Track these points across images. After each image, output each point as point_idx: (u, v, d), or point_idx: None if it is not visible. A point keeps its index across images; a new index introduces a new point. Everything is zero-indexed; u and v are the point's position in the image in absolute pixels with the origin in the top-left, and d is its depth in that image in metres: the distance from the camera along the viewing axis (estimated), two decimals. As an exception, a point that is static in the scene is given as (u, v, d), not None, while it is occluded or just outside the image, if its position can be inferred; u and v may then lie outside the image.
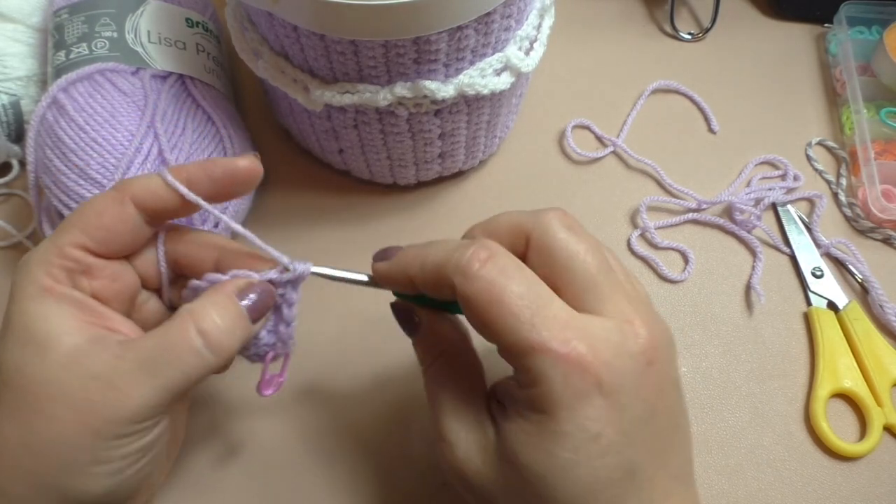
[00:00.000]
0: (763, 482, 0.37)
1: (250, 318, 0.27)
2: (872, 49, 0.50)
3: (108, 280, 0.28)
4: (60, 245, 0.26)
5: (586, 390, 0.23)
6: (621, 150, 0.48)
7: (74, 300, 0.26)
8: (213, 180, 0.27)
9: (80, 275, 0.27)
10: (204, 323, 0.26)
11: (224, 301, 0.27)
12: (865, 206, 0.45)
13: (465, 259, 0.24)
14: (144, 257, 0.29)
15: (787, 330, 0.42)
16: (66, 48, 0.39)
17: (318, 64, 0.35)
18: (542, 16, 0.39)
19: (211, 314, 0.26)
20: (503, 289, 0.24)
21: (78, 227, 0.27)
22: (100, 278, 0.27)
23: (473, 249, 0.24)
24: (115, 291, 0.28)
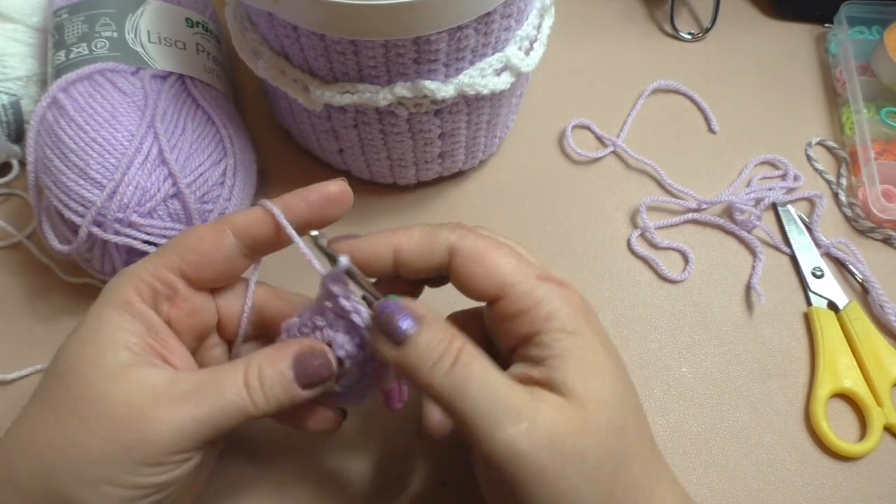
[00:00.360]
0: (763, 482, 0.37)
1: (297, 381, 0.27)
2: (873, 49, 0.50)
3: (186, 313, 0.28)
4: (157, 265, 0.27)
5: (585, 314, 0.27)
6: (621, 150, 0.48)
7: (148, 321, 0.27)
8: (309, 204, 0.28)
9: (165, 299, 0.28)
10: (251, 370, 0.26)
11: (277, 358, 0.27)
12: (865, 206, 0.45)
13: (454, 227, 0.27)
14: (230, 300, 0.30)
15: (788, 330, 0.42)
16: (66, 48, 0.39)
17: (318, 64, 0.35)
18: (542, 16, 0.39)
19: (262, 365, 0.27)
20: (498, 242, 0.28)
21: (177, 250, 0.27)
22: (180, 308, 0.28)
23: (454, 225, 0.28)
24: (189, 326, 0.28)
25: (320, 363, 0.27)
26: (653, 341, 0.41)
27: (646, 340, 0.41)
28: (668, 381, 0.40)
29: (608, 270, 0.44)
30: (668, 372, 0.40)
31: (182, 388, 0.26)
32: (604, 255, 0.44)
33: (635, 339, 0.41)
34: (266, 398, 0.26)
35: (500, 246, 0.27)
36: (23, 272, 0.42)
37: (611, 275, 0.43)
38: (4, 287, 0.42)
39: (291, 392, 0.27)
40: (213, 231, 0.28)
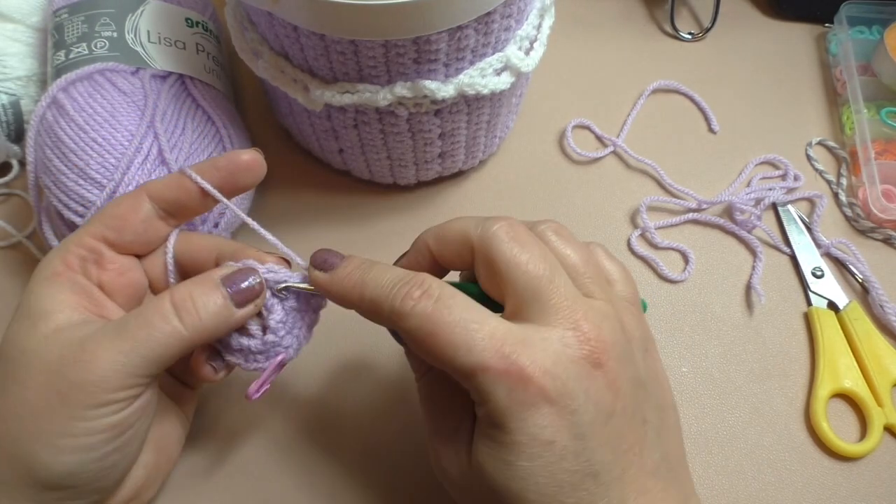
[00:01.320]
0: (763, 482, 0.37)
1: (233, 301, 0.28)
2: (873, 49, 0.50)
3: (115, 273, 0.29)
4: (81, 234, 0.29)
5: (532, 401, 0.23)
6: (621, 150, 0.48)
7: (78, 285, 0.28)
8: (218, 169, 0.30)
9: (92, 264, 0.29)
10: (177, 295, 0.27)
11: (204, 280, 0.28)
12: (866, 206, 0.45)
13: (399, 301, 0.25)
14: (154, 260, 0.31)
15: (788, 330, 0.42)
16: (65, 48, 0.39)
17: (318, 64, 0.35)
18: (542, 16, 0.39)
19: (187, 288, 0.27)
20: (437, 321, 0.24)
21: (97, 218, 0.29)
22: (108, 269, 0.29)
23: (407, 290, 0.25)
24: (120, 285, 0.29)
25: (251, 279, 0.28)
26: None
27: (646, 340, 0.41)
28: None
29: (608, 270, 0.43)
30: (668, 372, 0.40)
31: (108, 329, 0.26)
32: (604, 255, 0.44)
33: (635, 339, 0.41)
34: (200, 318, 0.27)
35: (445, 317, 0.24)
36: (23, 272, 0.42)
37: (611, 275, 0.43)
38: (4, 287, 0.42)
39: (228, 311, 0.28)
40: (129, 196, 0.29)
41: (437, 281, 0.26)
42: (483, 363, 0.24)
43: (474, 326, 0.24)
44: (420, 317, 0.25)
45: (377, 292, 0.26)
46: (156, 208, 0.30)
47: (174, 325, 0.26)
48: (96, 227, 0.29)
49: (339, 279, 0.28)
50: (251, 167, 0.30)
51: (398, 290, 0.25)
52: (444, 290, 0.25)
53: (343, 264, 0.28)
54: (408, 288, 0.25)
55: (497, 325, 0.24)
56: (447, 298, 0.25)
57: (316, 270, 0.28)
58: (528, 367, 0.24)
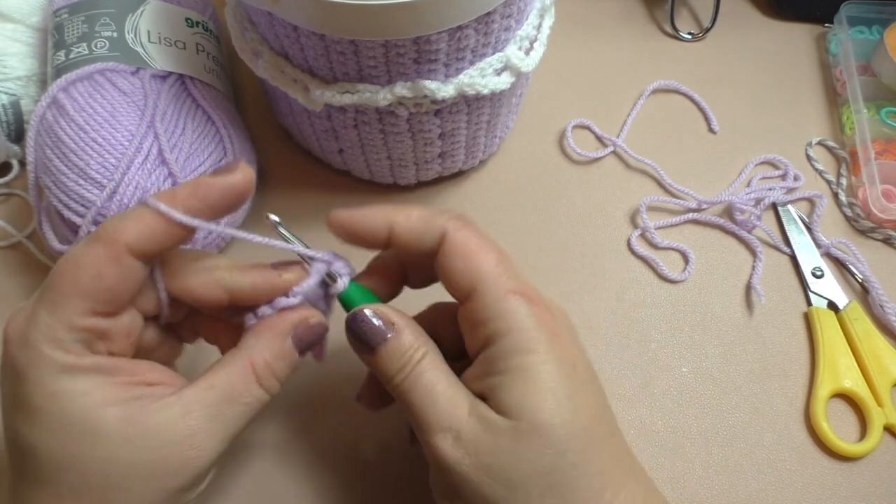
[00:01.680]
0: (763, 482, 0.37)
1: (300, 352, 0.28)
2: (873, 49, 0.50)
3: (122, 336, 0.26)
4: (68, 319, 0.24)
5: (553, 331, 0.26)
6: (621, 150, 0.48)
7: (100, 369, 0.25)
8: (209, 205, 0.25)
9: (97, 341, 0.25)
10: (259, 368, 0.27)
11: (276, 343, 0.27)
12: (866, 206, 0.45)
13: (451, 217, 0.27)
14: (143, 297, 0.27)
15: (788, 330, 0.42)
16: (65, 48, 0.39)
17: (318, 64, 0.35)
18: (542, 16, 0.39)
19: (263, 356, 0.27)
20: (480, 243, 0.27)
21: (79, 294, 0.24)
22: (115, 339, 0.26)
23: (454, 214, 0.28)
24: (130, 343, 0.27)
25: (314, 330, 0.28)
26: (653, 341, 0.41)
27: (646, 340, 0.41)
28: (668, 381, 0.40)
29: (608, 270, 0.44)
30: (668, 372, 0.40)
31: (203, 417, 0.25)
32: (604, 255, 0.44)
33: (635, 339, 0.41)
34: (279, 381, 0.27)
35: (489, 249, 0.27)
36: (23, 272, 0.42)
37: (611, 275, 0.43)
38: (4, 287, 0.42)
39: (295, 365, 0.28)
40: (110, 261, 0.24)
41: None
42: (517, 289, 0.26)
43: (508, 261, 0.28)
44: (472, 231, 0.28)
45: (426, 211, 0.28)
46: (141, 263, 0.25)
47: (262, 398, 0.27)
48: (80, 305, 0.24)
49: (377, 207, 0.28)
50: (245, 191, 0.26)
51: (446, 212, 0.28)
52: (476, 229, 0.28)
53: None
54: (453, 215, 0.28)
55: None
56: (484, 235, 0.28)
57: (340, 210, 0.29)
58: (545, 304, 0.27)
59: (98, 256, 0.24)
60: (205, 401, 0.26)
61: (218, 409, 0.26)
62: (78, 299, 0.24)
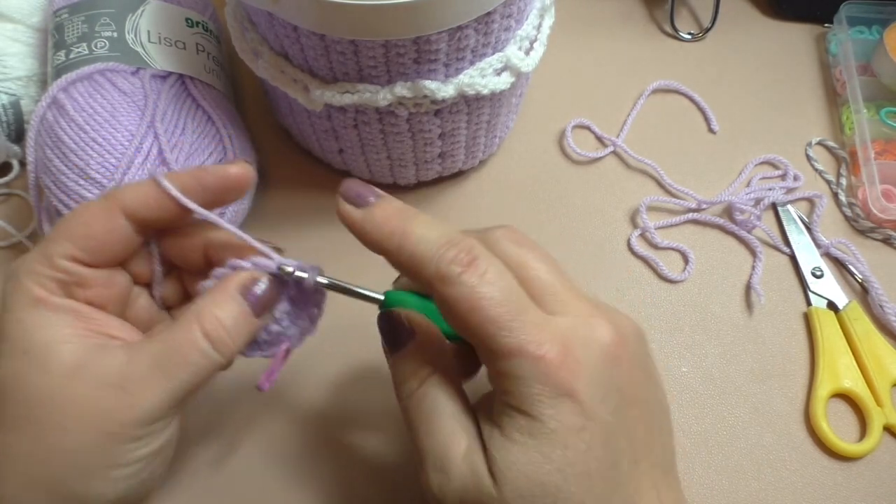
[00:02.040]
0: (763, 482, 0.37)
1: (254, 313, 0.27)
2: (873, 49, 0.50)
3: (101, 288, 0.27)
4: (50, 256, 0.26)
5: (563, 388, 0.24)
6: (621, 150, 0.48)
7: (70, 309, 0.26)
8: (205, 188, 0.27)
9: (74, 286, 0.27)
10: (208, 324, 0.26)
11: (227, 300, 0.27)
12: (865, 206, 0.45)
13: (447, 264, 0.24)
14: (135, 257, 0.29)
15: (787, 330, 0.42)
16: (66, 48, 0.39)
17: (318, 64, 0.35)
18: (542, 16, 0.39)
19: (215, 314, 0.26)
20: (482, 295, 0.24)
21: (67, 237, 0.26)
22: (94, 287, 0.27)
23: (455, 254, 0.24)
24: (109, 297, 0.28)
25: (265, 286, 0.27)
26: (653, 341, 0.41)
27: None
28: (668, 381, 0.40)
29: (608, 270, 0.44)
30: (668, 372, 0.40)
31: (143, 365, 0.25)
32: (604, 255, 0.44)
33: (635, 339, 0.41)
34: (235, 343, 0.26)
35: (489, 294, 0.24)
36: (23, 272, 0.42)
37: (611, 275, 0.43)
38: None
39: (252, 325, 0.27)
40: (102, 215, 0.26)
41: (483, 250, 0.25)
42: (521, 347, 0.23)
43: (517, 309, 0.24)
44: (466, 287, 0.24)
45: (421, 248, 0.24)
46: (132, 224, 0.27)
47: (213, 358, 0.26)
48: (65, 246, 0.26)
49: (376, 221, 0.25)
50: (239, 184, 0.28)
51: (445, 252, 0.24)
52: (491, 264, 0.24)
53: (380, 204, 0.26)
54: (455, 251, 0.24)
55: (536, 313, 0.25)
56: (493, 275, 0.24)
57: (347, 204, 0.26)
58: (561, 354, 0.24)
59: (94, 209, 0.27)
60: (147, 350, 0.26)
61: (158, 359, 0.25)
62: (64, 241, 0.26)
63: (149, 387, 0.25)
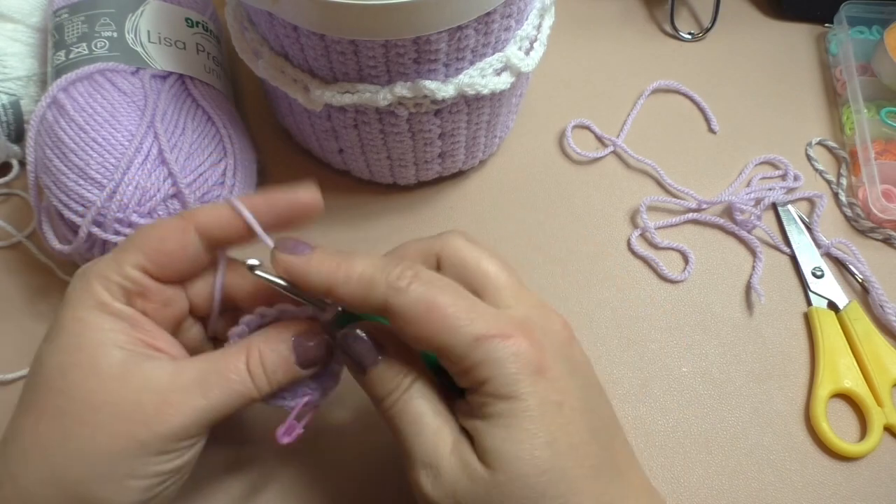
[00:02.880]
0: (763, 482, 0.37)
1: (298, 363, 0.28)
2: (873, 49, 0.50)
3: (160, 304, 0.28)
4: (121, 264, 0.27)
5: (535, 366, 0.25)
6: (621, 150, 0.48)
7: (128, 317, 0.27)
8: (276, 215, 0.29)
9: (137, 296, 0.28)
10: (252, 361, 0.27)
11: (278, 341, 0.28)
12: (866, 206, 0.45)
13: (395, 276, 0.25)
14: (197, 285, 0.30)
15: (788, 330, 0.42)
16: (65, 48, 0.39)
17: (318, 64, 0.35)
18: (542, 16, 0.39)
19: (260, 352, 0.28)
20: (435, 297, 0.25)
21: (141, 249, 0.27)
22: (154, 302, 0.28)
23: (399, 271, 0.26)
24: (165, 316, 0.29)
25: (317, 343, 0.28)
26: (653, 341, 0.41)
27: (646, 340, 0.41)
28: (668, 381, 0.40)
29: (608, 270, 0.44)
30: (668, 372, 0.40)
31: (186, 379, 0.26)
32: (604, 255, 0.44)
33: (635, 339, 0.41)
34: (269, 383, 0.28)
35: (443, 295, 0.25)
36: (23, 272, 0.42)
37: (611, 275, 0.43)
38: (4, 287, 0.42)
39: (292, 374, 0.28)
40: (176, 231, 0.28)
41: (423, 267, 0.26)
42: (486, 332, 0.25)
43: (469, 304, 0.26)
44: (417, 293, 0.25)
45: (369, 272, 0.26)
46: (203, 243, 0.28)
47: (249, 389, 0.27)
48: (137, 257, 0.27)
49: (319, 261, 0.27)
50: (309, 212, 0.29)
51: (391, 271, 0.26)
52: (432, 274, 0.26)
53: (317, 250, 0.27)
54: (399, 269, 0.26)
55: (488, 306, 0.26)
56: (438, 281, 0.26)
57: (287, 255, 0.27)
58: (526, 337, 0.25)
59: (170, 224, 0.28)
60: (193, 366, 0.27)
61: (203, 376, 0.26)
62: (137, 252, 0.27)
63: (187, 399, 0.26)
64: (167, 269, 0.28)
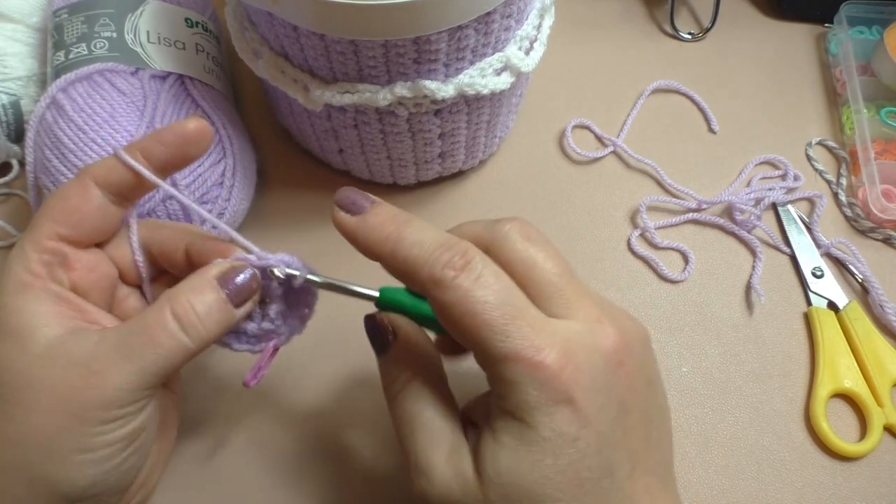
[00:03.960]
0: (763, 482, 0.37)
1: (232, 302, 0.27)
2: (873, 49, 0.50)
3: (85, 270, 0.28)
4: (36, 239, 0.27)
5: (561, 395, 0.23)
6: (621, 150, 0.48)
7: (53, 293, 0.27)
8: (165, 145, 0.28)
9: (58, 267, 0.27)
10: (179, 307, 0.26)
11: (202, 285, 0.27)
12: (866, 206, 0.45)
13: (440, 268, 0.24)
14: (119, 248, 0.30)
15: (788, 330, 0.42)
16: (65, 48, 0.39)
17: (318, 64, 0.35)
18: (542, 16, 0.39)
19: (187, 297, 0.26)
20: (477, 299, 0.23)
21: (48, 216, 0.27)
22: (77, 269, 0.28)
23: (449, 257, 0.24)
24: (92, 282, 0.28)
25: (246, 276, 0.27)
26: (653, 341, 0.40)
27: (646, 340, 0.41)
28: (668, 381, 0.40)
29: (608, 270, 0.44)
30: (668, 372, 0.40)
31: (109, 345, 0.25)
32: (604, 255, 0.44)
33: (635, 340, 0.41)
34: (206, 329, 0.26)
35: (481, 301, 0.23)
36: (22, 272, 0.42)
37: (611, 275, 0.43)
38: (4, 287, 0.42)
39: (229, 315, 0.27)
40: (76, 187, 0.27)
41: (479, 253, 0.24)
42: (518, 352, 0.23)
43: (514, 313, 0.24)
44: (460, 290, 0.23)
45: (415, 252, 0.24)
46: (106, 194, 0.28)
47: (181, 341, 0.26)
48: (49, 225, 0.27)
49: (371, 226, 0.25)
50: (198, 138, 0.28)
51: (439, 256, 0.24)
52: (486, 266, 0.24)
53: (374, 210, 0.26)
54: (450, 255, 0.24)
55: (536, 315, 0.24)
56: (488, 277, 0.24)
57: (342, 212, 0.26)
58: (560, 360, 0.23)
59: (68, 185, 0.28)
60: (117, 331, 0.26)
61: (126, 339, 0.26)
62: (47, 221, 0.27)
63: (114, 367, 0.25)
64: (79, 227, 0.27)
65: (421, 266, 0.24)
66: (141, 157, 0.28)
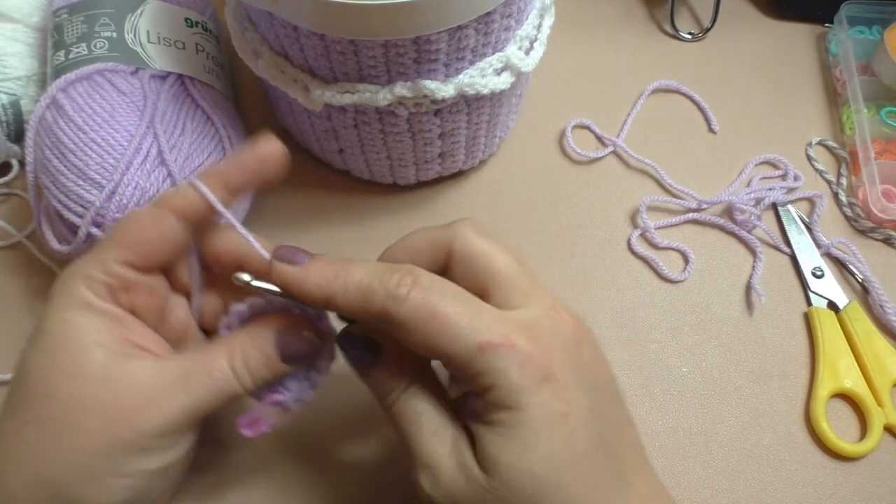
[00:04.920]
0: (763, 482, 0.37)
1: (282, 359, 0.28)
2: (873, 49, 0.50)
3: (145, 295, 0.28)
4: (104, 261, 0.27)
5: (541, 372, 0.24)
6: (621, 150, 0.48)
7: (112, 316, 0.27)
8: (245, 171, 0.29)
9: (121, 291, 0.27)
10: (237, 359, 0.27)
11: (263, 344, 0.28)
12: (866, 206, 0.45)
13: (394, 284, 0.25)
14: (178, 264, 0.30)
15: (788, 330, 0.42)
16: (65, 48, 0.39)
17: (318, 64, 0.35)
18: (542, 16, 0.39)
19: (246, 349, 0.27)
20: (436, 304, 0.25)
21: (122, 243, 0.27)
22: (138, 294, 0.28)
23: (399, 277, 0.25)
24: (150, 306, 0.29)
25: (300, 339, 0.28)
26: (653, 341, 0.41)
27: (646, 340, 0.41)
28: (668, 381, 0.40)
29: (608, 270, 0.43)
30: (668, 372, 0.40)
31: (169, 377, 0.26)
32: (604, 255, 0.44)
33: (635, 339, 0.41)
34: (253, 380, 0.27)
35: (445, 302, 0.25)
36: (23, 272, 0.42)
37: (611, 275, 0.43)
38: (4, 287, 0.42)
39: (276, 370, 0.28)
40: (154, 219, 0.28)
41: (423, 271, 0.26)
42: (490, 340, 0.24)
43: (475, 309, 0.25)
44: (418, 300, 0.25)
45: (367, 281, 0.25)
46: (181, 226, 0.28)
47: (233, 386, 0.27)
48: (120, 251, 0.27)
49: (318, 270, 0.26)
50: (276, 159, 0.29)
51: (389, 278, 0.25)
52: (433, 278, 0.26)
53: (316, 258, 0.27)
54: (399, 275, 0.25)
55: (493, 310, 0.26)
56: (440, 286, 0.25)
57: (284, 264, 0.27)
58: (531, 343, 0.24)
59: (147, 214, 0.28)
60: (176, 364, 0.27)
61: (186, 374, 0.26)
62: (120, 247, 0.27)
63: (170, 398, 0.26)
64: (151, 258, 0.28)
65: (375, 289, 0.25)
66: (218, 184, 0.28)
